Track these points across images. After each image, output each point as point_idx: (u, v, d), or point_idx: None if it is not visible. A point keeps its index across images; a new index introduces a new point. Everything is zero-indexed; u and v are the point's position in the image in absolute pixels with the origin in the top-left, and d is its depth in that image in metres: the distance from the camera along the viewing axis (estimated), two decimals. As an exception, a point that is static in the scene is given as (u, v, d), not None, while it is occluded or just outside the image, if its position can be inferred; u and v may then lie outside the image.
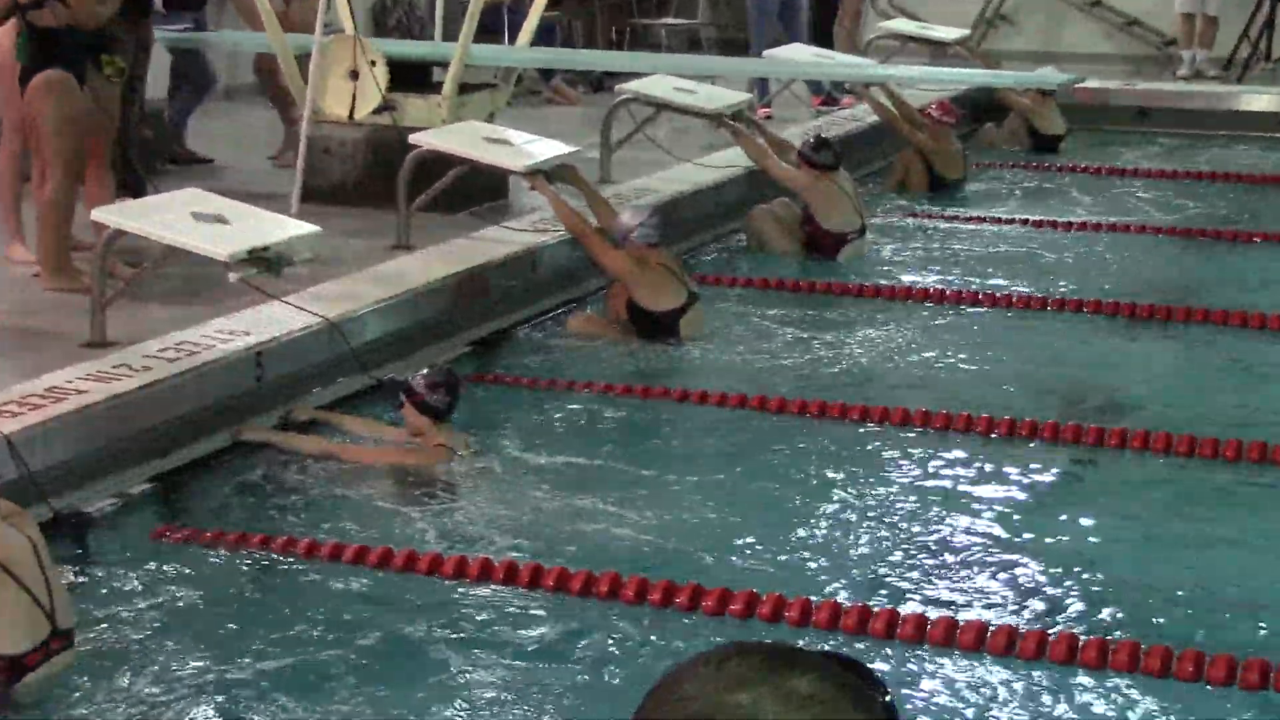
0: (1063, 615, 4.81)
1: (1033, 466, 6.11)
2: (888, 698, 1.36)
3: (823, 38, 13.65)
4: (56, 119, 6.78)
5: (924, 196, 10.77)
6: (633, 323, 7.44)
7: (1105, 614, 4.83)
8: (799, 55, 11.90)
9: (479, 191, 8.58)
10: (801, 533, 5.51)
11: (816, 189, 9.01)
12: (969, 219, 10.34)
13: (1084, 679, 4.42)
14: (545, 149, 8.08)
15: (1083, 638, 4.51)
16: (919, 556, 5.28)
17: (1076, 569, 5.21)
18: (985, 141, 12.55)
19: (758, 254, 9.21)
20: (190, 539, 5.18)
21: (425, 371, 5.93)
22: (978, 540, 5.43)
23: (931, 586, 5.06)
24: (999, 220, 10.18)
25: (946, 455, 6.16)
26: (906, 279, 8.73)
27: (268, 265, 6.06)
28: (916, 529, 5.50)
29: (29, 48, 6.85)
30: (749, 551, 5.29)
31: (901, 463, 6.09)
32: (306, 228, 6.42)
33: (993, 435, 6.29)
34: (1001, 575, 5.19)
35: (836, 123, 11.90)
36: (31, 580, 4.19)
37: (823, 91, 12.84)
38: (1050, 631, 4.56)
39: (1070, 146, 12.59)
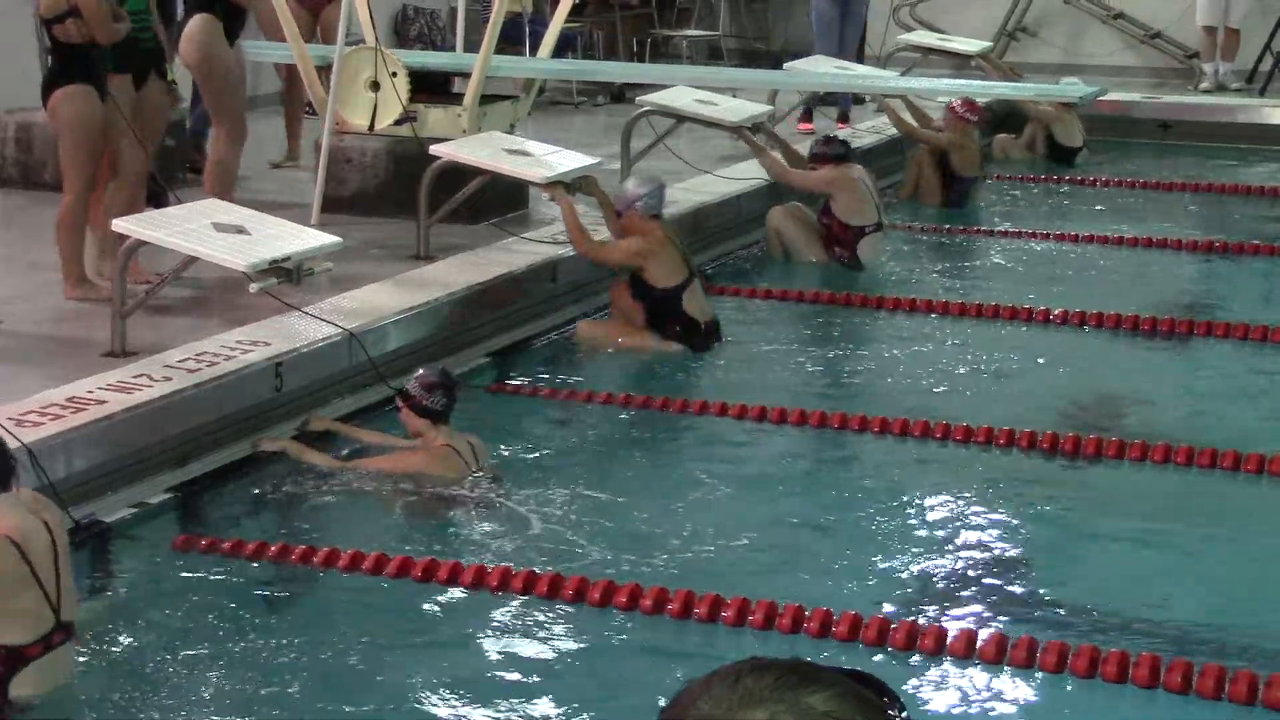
0: (1087, 629, 4.78)
1: (1055, 480, 6.10)
2: (905, 713, 1.35)
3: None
4: (74, 132, 6.81)
5: (939, 207, 10.75)
6: (639, 303, 7.44)
7: (1129, 628, 4.81)
8: (820, 67, 11.89)
9: (499, 202, 8.59)
10: (821, 544, 5.50)
11: (838, 183, 9.06)
12: (987, 232, 10.32)
13: (1105, 692, 4.40)
14: (565, 160, 8.08)
15: (1104, 651, 4.48)
16: (939, 568, 5.26)
17: (1102, 583, 5.20)
18: (1000, 151, 12.50)
19: (778, 257, 9.19)
20: (210, 549, 5.18)
21: (419, 373, 5.92)
22: (999, 553, 5.41)
23: (951, 599, 5.04)
24: (1019, 234, 10.15)
25: (967, 468, 6.14)
26: (924, 292, 8.70)
27: (288, 276, 6.08)
28: (936, 541, 5.48)
29: (52, 62, 6.91)
30: (768, 563, 5.28)
31: (921, 475, 6.08)
32: (327, 238, 6.43)
33: (1014, 449, 6.26)
34: (1024, 588, 5.17)
35: (857, 135, 11.89)
36: (44, 572, 4.20)
37: (810, 118, 12.70)
38: (1072, 645, 4.53)
39: (1091, 159, 12.56)
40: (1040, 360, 7.60)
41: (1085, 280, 9.14)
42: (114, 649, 4.57)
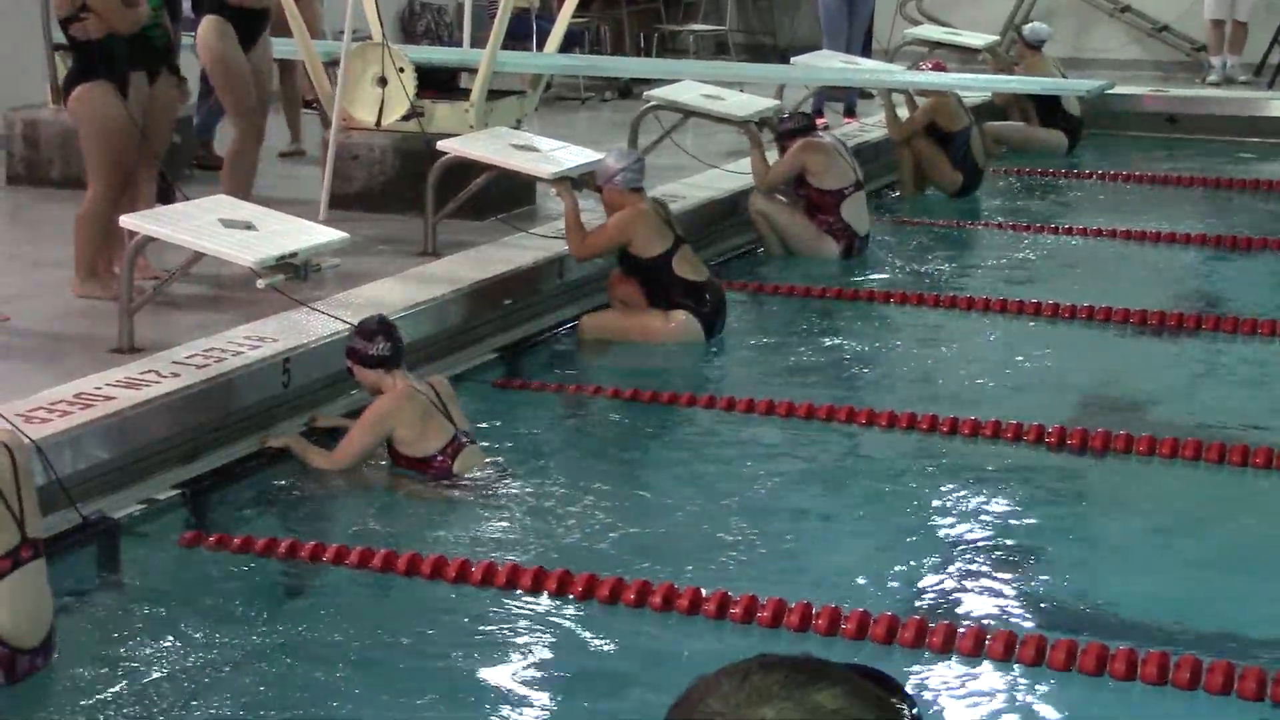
0: (1094, 625, 4.77)
1: (1062, 473, 6.09)
2: (914, 710, 1.34)
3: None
4: (96, 129, 6.81)
5: (955, 194, 10.75)
6: (634, 281, 7.43)
7: (1136, 624, 4.80)
8: (826, 62, 11.88)
9: (506, 198, 8.58)
10: (830, 540, 5.50)
11: (805, 152, 9.05)
12: (995, 225, 10.30)
13: (1114, 690, 4.38)
14: (572, 156, 8.08)
15: (1113, 648, 4.47)
16: (947, 565, 5.25)
17: (1108, 578, 5.19)
18: (993, 143, 12.34)
19: (774, 246, 9.13)
20: (218, 545, 5.18)
21: (358, 326, 5.94)
22: (1006, 548, 5.40)
23: (960, 596, 5.03)
24: (1027, 228, 10.13)
25: (974, 462, 6.13)
26: (932, 287, 8.69)
27: (295, 272, 6.08)
28: (945, 536, 5.47)
29: (72, 61, 6.93)
30: (777, 559, 5.27)
31: (928, 470, 6.07)
32: (334, 234, 6.43)
33: (1021, 441, 6.25)
34: (1032, 584, 5.16)
35: (865, 129, 11.87)
36: (6, 489, 4.22)
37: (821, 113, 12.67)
38: (1080, 642, 4.52)
39: (1099, 153, 12.52)
40: (1049, 355, 7.59)
41: (1092, 274, 9.12)
42: (121, 646, 4.57)
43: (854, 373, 7.42)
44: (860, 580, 5.12)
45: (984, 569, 5.24)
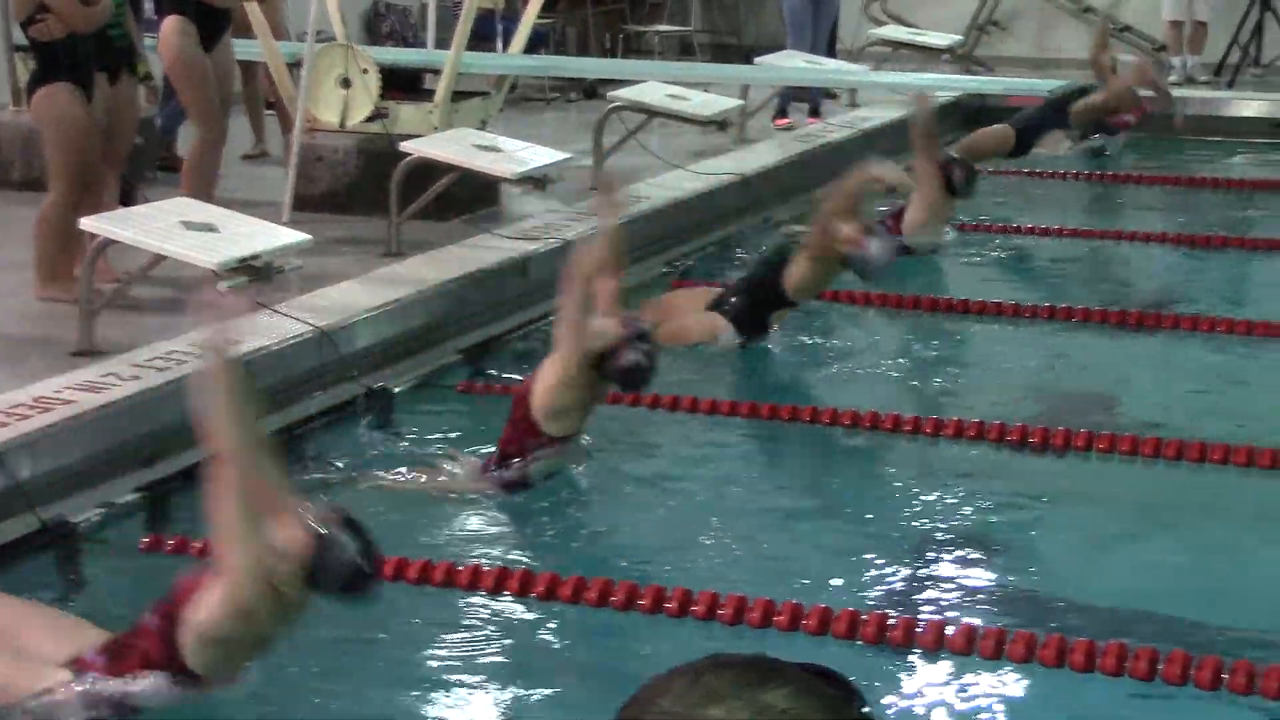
0: (1054, 619, 4.79)
1: (1025, 472, 6.11)
2: (865, 709, 1.35)
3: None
4: (57, 131, 6.78)
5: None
6: (748, 294, 7.39)
7: (1096, 618, 4.82)
8: (791, 62, 11.91)
9: (470, 199, 8.58)
10: (796, 538, 5.51)
11: (934, 206, 8.81)
12: (971, 227, 10.31)
13: (1102, 686, 4.39)
14: (537, 156, 8.08)
15: (1101, 645, 4.48)
16: (911, 562, 5.26)
17: (1068, 573, 5.22)
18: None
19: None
20: (179, 549, 5.16)
21: (637, 346, 5.53)
22: (968, 545, 5.41)
23: (923, 591, 5.05)
24: (987, 228, 10.16)
25: (937, 460, 6.16)
26: (913, 288, 8.68)
27: (258, 274, 6.06)
28: (906, 534, 5.48)
29: (34, 62, 6.90)
30: (747, 558, 5.29)
31: (892, 468, 6.10)
32: (296, 236, 6.42)
33: (984, 440, 6.26)
34: (994, 580, 5.18)
35: (828, 128, 11.88)
36: (280, 631, 4.02)
37: (785, 114, 12.63)
38: (1040, 635, 4.54)
39: (1062, 154, 12.56)
40: (1013, 354, 7.63)
41: (1054, 273, 9.16)
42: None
43: (823, 373, 7.43)
44: (825, 577, 5.13)
45: (946, 565, 5.26)
